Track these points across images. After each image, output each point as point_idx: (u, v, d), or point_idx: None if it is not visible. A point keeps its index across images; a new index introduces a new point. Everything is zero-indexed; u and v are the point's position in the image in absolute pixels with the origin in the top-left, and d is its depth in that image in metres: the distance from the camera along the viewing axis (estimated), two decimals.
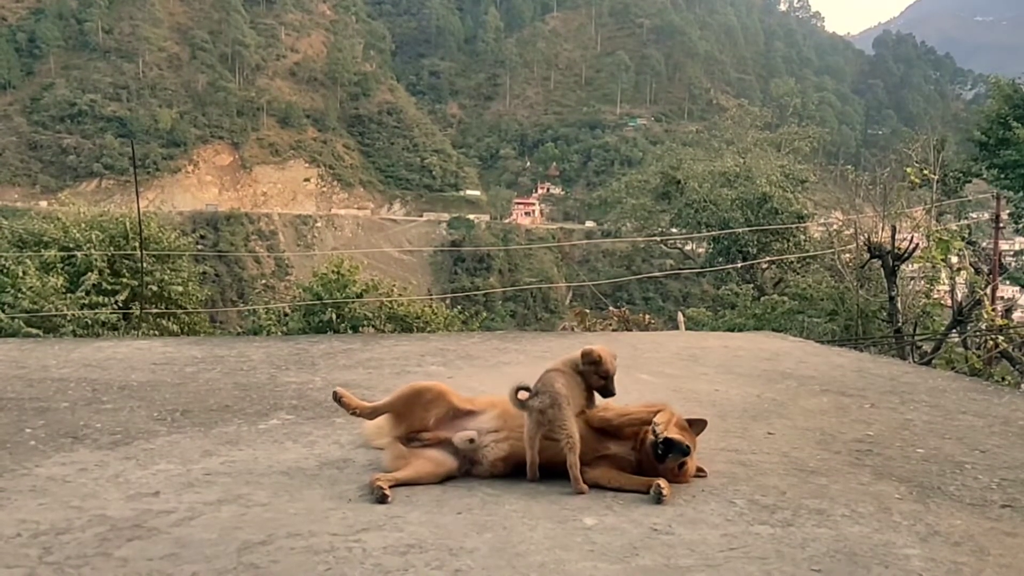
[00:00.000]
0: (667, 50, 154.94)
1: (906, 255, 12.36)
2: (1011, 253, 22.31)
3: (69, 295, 13.95)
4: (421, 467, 2.43)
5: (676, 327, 15.22)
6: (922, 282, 12.75)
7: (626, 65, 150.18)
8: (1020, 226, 21.12)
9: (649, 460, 2.40)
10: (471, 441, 2.46)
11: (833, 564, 1.95)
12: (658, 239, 27.68)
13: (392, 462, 2.48)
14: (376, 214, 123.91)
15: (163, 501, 2.25)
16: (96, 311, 13.88)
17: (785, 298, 17.36)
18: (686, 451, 2.41)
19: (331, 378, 3.91)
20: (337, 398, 2.63)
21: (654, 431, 2.35)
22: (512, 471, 2.47)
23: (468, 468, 2.49)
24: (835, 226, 21.81)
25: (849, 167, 23.18)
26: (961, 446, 3.09)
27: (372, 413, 2.65)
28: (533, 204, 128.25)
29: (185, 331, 15.39)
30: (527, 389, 2.43)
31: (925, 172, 14.28)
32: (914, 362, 9.83)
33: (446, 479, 2.45)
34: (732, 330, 13.09)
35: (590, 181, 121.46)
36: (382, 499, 2.25)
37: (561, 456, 2.42)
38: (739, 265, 22.63)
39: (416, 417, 2.54)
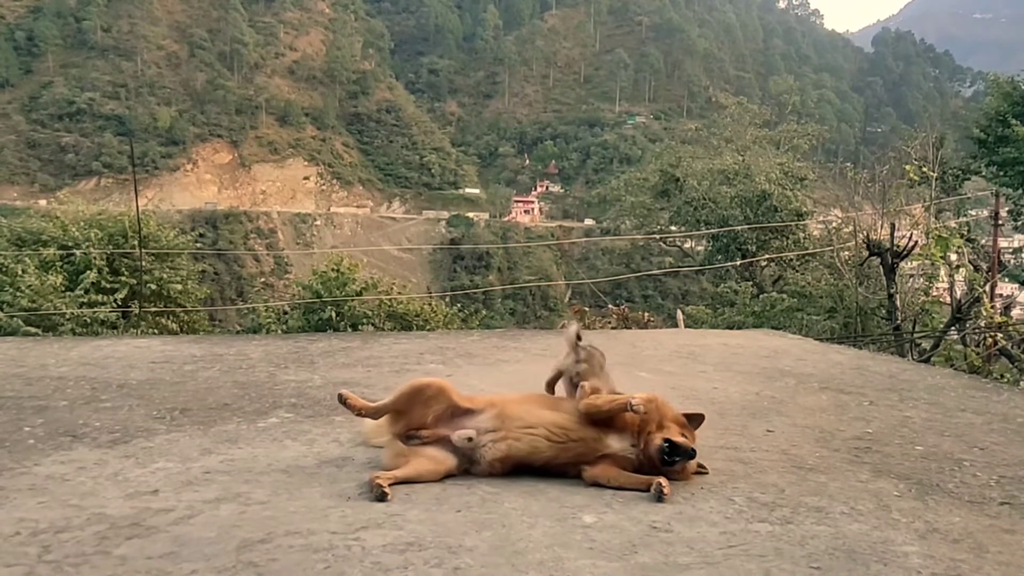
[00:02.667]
0: (666, 48, 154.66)
1: (905, 252, 12.33)
2: (1010, 250, 22.27)
3: (68, 293, 13.95)
4: (421, 465, 2.43)
5: (675, 325, 15.22)
6: (921, 279, 12.74)
7: (625, 63, 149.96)
8: (1019, 223, 21.07)
9: (651, 461, 2.40)
10: (469, 440, 2.46)
11: (832, 561, 1.95)
12: (657, 237, 27.68)
13: (391, 460, 2.47)
14: (375, 212, 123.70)
15: (162, 499, 2.24)
16: (95, 309, 13.88)
17: (784, 296, 17.36)
18: (692, 454, 2.41)
19: (330, 376, 3.91)
20: (343, 400, 2.60)
21: (631, 406, 2.43)
22: (511, 471, 2.47)
23: (467, 467, 2.49)
24: (834, 224, 21.82)
25: (848, 164, 23.18)
26: (960, 443, 3.09)
27: (377, 413, 2.62)
28: (532, 202, 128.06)
29: (184, 329, 15.40)
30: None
31: (924, 169, 14.24)
32: (913, 359, 9.81)
33: (446, 477, 2.45)
34: (731, 328, 13.09)
35: (589, 179, 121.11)
36: (381, 497, 2.25)
37: (561, 457, 2.43)
38: (738, 263, 22.62)
39: (416, 414, 2.53)
